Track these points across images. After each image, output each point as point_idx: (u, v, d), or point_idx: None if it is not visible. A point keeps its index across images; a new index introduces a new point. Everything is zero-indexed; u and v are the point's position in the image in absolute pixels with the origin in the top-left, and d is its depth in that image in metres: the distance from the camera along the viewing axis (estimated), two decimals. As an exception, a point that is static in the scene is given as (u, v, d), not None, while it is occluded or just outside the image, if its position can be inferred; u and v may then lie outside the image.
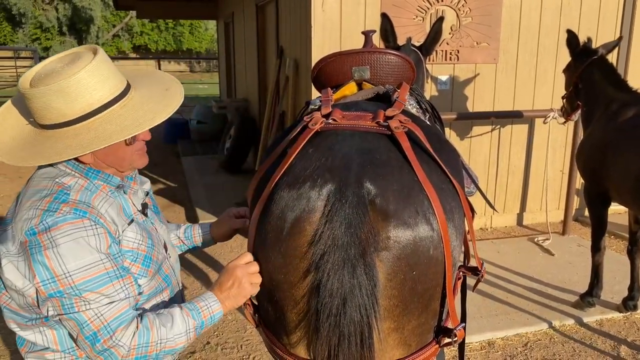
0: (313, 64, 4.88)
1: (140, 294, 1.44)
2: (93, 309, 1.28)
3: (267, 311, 1.54)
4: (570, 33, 3.90)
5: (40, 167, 1.43)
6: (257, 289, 1.47)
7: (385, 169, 1.38)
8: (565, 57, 5.41)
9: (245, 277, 1.44)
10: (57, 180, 1.37)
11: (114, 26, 29.27)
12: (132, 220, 1.47)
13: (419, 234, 1.34)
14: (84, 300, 1.27)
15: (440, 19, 2.90)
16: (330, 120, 1.52)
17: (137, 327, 1.32)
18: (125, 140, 1.38)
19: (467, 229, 1.64)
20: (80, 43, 28.04)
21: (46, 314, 1.32)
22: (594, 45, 3.85)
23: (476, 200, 2.61)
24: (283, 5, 5.82)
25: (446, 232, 1.38)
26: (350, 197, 1.32)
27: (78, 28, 27.59)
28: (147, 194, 1.65)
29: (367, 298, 1.30)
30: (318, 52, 4.67)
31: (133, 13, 22.63)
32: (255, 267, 1.45)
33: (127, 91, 1.40)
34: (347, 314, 1.29)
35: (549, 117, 4.91)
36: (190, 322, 1.39)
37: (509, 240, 5.24)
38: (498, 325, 3.58)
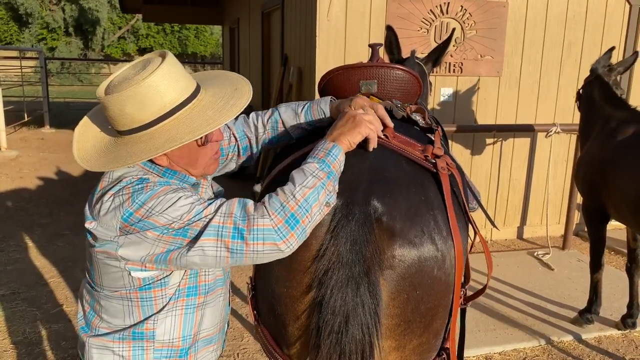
0: (317, 73, 4.93)
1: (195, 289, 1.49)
2: (217, 215, 1.29)
3: (269, 322, 1.54)
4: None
5: (117, 170, 1.45)
6: (372, 133, 1.44)
7: (393, 187, 1.38)
8: (569, 72, 5.45)
9: (360, 115, 1.43)
10: (135, 174, 1.41)
11: (119, 28, 29.36)
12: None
13: (424, 253, 1.34)
14: (204, 218, 1.29)
15: (453, 31, 2.90)
16: (383, 135, 1.52)
17: (262, 202, 1.31)
18: (197, 141, 1.41)
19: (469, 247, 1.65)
20: (86, 44, 28.12)
21: (172, 264, 1.34)
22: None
23: (476, 214, 2.61)
24: (289, 13, 5.84)
25: (460, 256, 1.39)
26: (357, 214, 1.32)
27: (84, 29, 27.66)
28: (217, 192, 1.68)
29: (369, 317, 1.29)
30: (322, 61, 4.68)
31: (139, 16, 22.73)
32: (374, 116, 1.47)
33: (197, 93, 1.42)
34: (349, 332, 1.29)
35: (551, 131, 4.91)
36: (309, 166, 1.33)
37: (508, 254, 5.23)
38: (496, 339, 3.56)
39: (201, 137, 1.41)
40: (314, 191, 1.29)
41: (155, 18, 15.52)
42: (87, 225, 1.38)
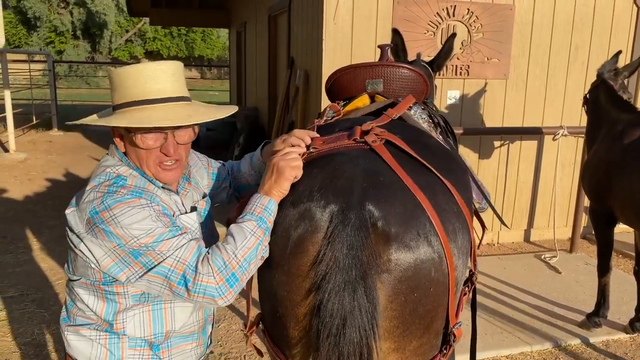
0: (324, 76, 4.93)
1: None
2: (171, 257, 1.37)
3: (271, 325, 1.56)
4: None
5: (103, 158, 1.58)
6: (297, 171, 1.46)
7: (388, 191, 1.39)
8: (576, 75, 5.43)
9: (282, 161, 1.46)
10: (115, 168, 1.51)
11: (127, 31, 29.52)
12: (188, 212, 1.61)
13: (420, 256, 1.35)
14: (159, 253, 1.37)
15: (453, 36, 2.91)
16: (312, 149, 1.56)
17: (207, 257, 1.39)
18: (134, 139, 1.48)
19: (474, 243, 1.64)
20: (93, 47, 28.29)
21: (125, 280, 1.42)
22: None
23: (485, 215, 2.61)
24: (295, 16, 5.86)
25: (450, 254, 1.39)
26: (353, 219, 1.33)
27: (92, 32, 27.85)
28: (203, 196, 1.74)
29: (366, 319, 1.31)
30: (329, 64, 4.69)
31: (146, 19, 22.84)
32: (293, 154, 1.49)
33: (169, 100, 1.50)
34: (346, 334, 1.30)
35: (558, 134, 4.89)
36: (248, 224, 1.41)
37: (515, 257, 5.21)
38: (503, 343, 3.55)
39: (133, 135, 1.48)
40: (253, 250, 1.39)
41: (162, 21, 15.60)
42: (66, 211, 1.48)
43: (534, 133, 5.25)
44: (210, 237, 1.68)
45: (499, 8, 5.05)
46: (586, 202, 5.35)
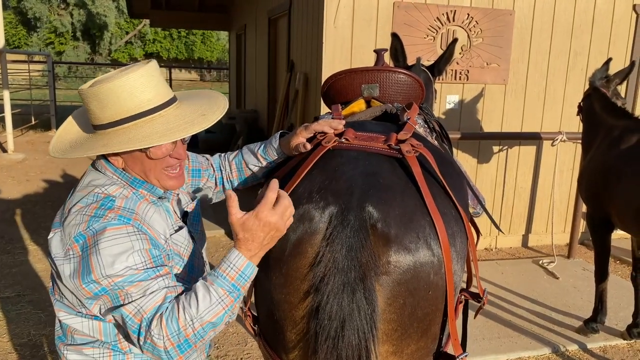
0: (323, 79, 4.90)
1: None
2: (133, 303, 1.29)
3: (267, 328, 1.55)
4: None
5: (89, 174, 1.48)
6: (290, 222, 1.35)
7: (388, 193, 1.39)
8: (575, 81, 5.45)
9: (281, 221, 1.31)
10: (103, 188, 1.42)
11: (127, 33, 29.51)
12: (180, 228, 1.54)
13: (420, 259, 1.35)
14: (126, 294, 1.29)
15: (454, 41, 2.92)
16: (343, 140, 1.54)
17: (162, 317, 1.29)
18: (147, 153, 1.41)
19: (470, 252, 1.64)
20: (93, 48, 28.29)
21: (98, 313, 1.37)
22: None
23: (481, 220, 2.60)
24: (295, 19, 5.87)
25: (449, 258, 1.38)
26: (352, 221, 1.32)
27: (92, 34, 27.85)
28: (193, 199, 1.69)
29: (365, 322, 1.30)
30: (328, 68, 4.70)
31: (146, 21, 22.84)
32: (286, 204, 1.32)
33: (163, 107, 1.42)
34: (345, 337, 1.29)
35: (557, 139, 4.90)
36: (217, 290, 1.28)
37: (513, 262, 5.21)
38: (500, 348, 3.55)
39: (148, 151, 1.41)
40: (216, 319, 1.28)
41: (162, 23, 15.59)
42: (49, 236, 1.40)
43: (533, 138, 5.26)
44: (200, 241, 1.66)
45: (498, 13, 5.07)
46: (584, 208, 5.36)
